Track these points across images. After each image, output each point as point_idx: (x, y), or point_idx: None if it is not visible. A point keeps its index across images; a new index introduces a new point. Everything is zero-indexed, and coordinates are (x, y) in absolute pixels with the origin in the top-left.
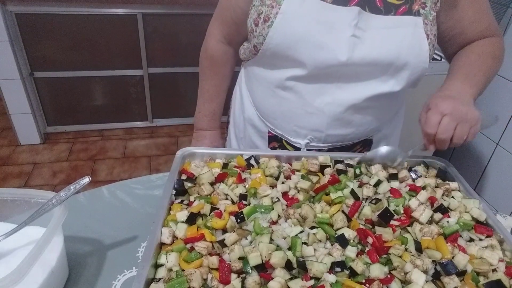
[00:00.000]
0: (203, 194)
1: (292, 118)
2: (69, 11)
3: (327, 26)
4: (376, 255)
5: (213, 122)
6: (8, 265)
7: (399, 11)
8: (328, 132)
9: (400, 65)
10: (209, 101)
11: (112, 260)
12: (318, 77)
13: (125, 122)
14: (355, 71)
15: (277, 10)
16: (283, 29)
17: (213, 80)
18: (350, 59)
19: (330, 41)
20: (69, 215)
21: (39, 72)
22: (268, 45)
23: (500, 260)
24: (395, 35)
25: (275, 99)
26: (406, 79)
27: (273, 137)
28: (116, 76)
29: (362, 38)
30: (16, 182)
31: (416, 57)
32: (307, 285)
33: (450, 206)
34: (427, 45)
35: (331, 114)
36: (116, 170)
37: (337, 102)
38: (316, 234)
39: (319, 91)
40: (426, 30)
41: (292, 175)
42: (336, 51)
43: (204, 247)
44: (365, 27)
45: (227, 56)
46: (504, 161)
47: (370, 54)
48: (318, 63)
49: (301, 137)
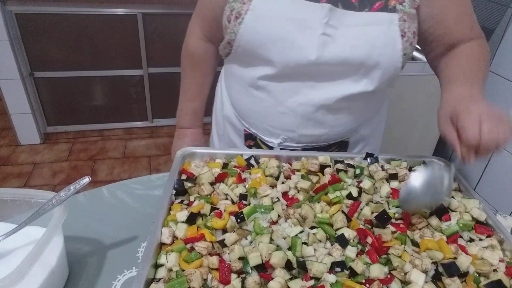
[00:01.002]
0: (203, 194)
1: (265, 117)
2: (69, 11)
3: (298, 23)
4: (376, 255)
5: (195, 120)
6: (8, 265)
7: (374, 7)
8: (300, 132)
9: (371, 65)
10: (191, 99)
11: (112, 260)
12: (289, 76)
13: (125, 122)
14: (326, 71)
15: (248, 7)
16: (253, 26)
17: (194, 78)
18: (320, 58)
19: (300, 40)
20: (69, 215)
21: (39, 72)
22: (239, 42)
23: (500, 260)
24: (367, 34)
25: (249, 98)
26: (378, 79)
27: (248, 135)
28: (116, 76)
29: (333, 36)
30: (16, 182)
31: (389, 56)
32: (307, 285)
33: (450, 206)
34: (401, 43)
35: (303, 114)
36: (116, 170)
37: (309, 102)
38: (316, 234)
39: (291, 90)
40: (403, 27)
41: (292, 175)
42: (305, 49)
43: (204, 247)
44: (337, 24)
45: (208, 54)
46: (504, 161)
47: (340, 53)
48: (287, 61)
49: (275, 136)
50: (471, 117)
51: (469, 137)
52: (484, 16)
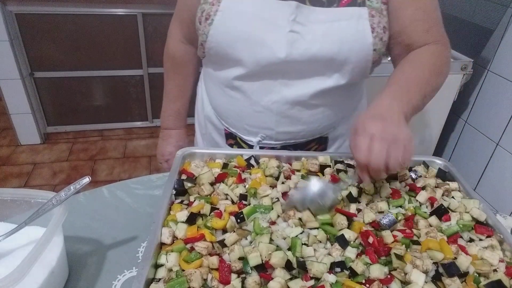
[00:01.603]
0: (203, 194)
1: (242, 117)
2: (69, 11)
3: (266, 22)
4: (375, 255)
5: (178, 121)
6: (8, 265)
7: (343, 2)
8: (278, 130)
9: (341, 60)
10: (173, 101)
11: (112, 260)
12: (261, 76)
13: (125, 122)
14: (297, 68)
15: (216, 8)
16: (222, 27)
17: (175, 80)
18: (290, 56)
19: (269, 38)
20: (69, 215)
21: (39, 72)
22: (210, 44)
23: (500, 260)
24: (336, 29)
25: (226, 98)
26: (349, 73)
27: (229, 134)
28: (116, 76)
29: (301, 33)
30: (16, 182)
31: (358, 51)
32: (307, 285)
33: (450, 206)
34: (371, 38)
35: (279, 112)
36: (116, 170)
37: (283, 100)
38: (317, 235)
39: (264, 89)
40: (372, 22)
41: (292, 175)
42: (274, 48)
43: (204, 247)
44: (305, 21)
45: (189, 56)
46: (504, 161)
47: (309, 50)
48: (257, 60)
49: (253, 135)
50: (363, 134)
51: (357, 156)
52: (484, 16)
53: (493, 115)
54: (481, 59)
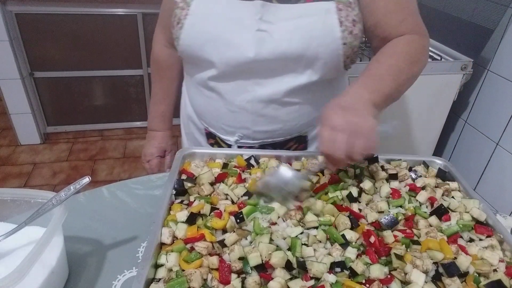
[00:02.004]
0: (203, 194)
1: (219, 116)
2: (69, 11)
3: (234, 23)
4: (375, 255)
5: (163, 123)
6: (8, 265)
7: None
8: (254, 129)
9: (311, 57)
10: (158, 103)
11: (112, 260)
12: (233, 76)
13: (125, 122)
14: (268, 66)
15: (186, 12)
16: (192, 30)
17: (160, 83)
18: (259, 55)
19: (238, 39)
20: (69, 215)
21: (39, 72)
22: (182, 47)
23: (500, 260)
24: (304, 25)
25: (203, 98)
26: (321, 68)
27: (208, 133)
28: (116, 76)
29: (269, 31)
30: (16, 182)
31: (327, 46)
32: (307, 285)
33: (450, 206)
34: (340, 32)
35: (254, 111)
36: (116, 170)
37: (257, 99)
38: (316, 235)
39: (238, 89)
40: (340, 16)
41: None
42: (243, 48)
43: (204, 247)
44: (273, 19)
45: (172, 60)
46: (504, 161)
47: (278, 47)
48: (228, 61)
49: (231, 134)
50: (326, 126)
51: (320, 146)
52: (484, 16)
53: (493, 115)
54: (481, 59)
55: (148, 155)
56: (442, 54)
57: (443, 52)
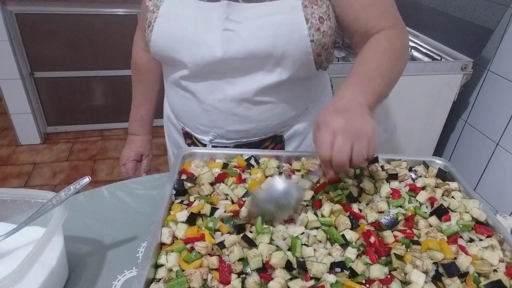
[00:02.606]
0: (203, 194)
1: (193, 116)
2: (69, 11)
3: (201, 23)
4: (375, 256)
5: (142, 127)
6: (8, 265)
7: None
8: (227, 128)
9: (279, 54)
10: (138, 107)
11: (112, 260)
12: (204, 75)
13: (125, 122)
14: (237, 65)
15: (156, 15)
16: (162, 32)
17: (139, 87)
18: (226, 54)
19: (205, 38)
20: (69, 215)
21: (39, 72)
22: (154, 49)
23: (500, 260)
24: (270, 24)
25: (178, 98)
26: (290, 66)
27: (185, 133)
28: (116, 76)
29: (236, 31)
30: (16, 182)
31: (295, 43)
32: (307, 285)
33: (450, 206)
34: (306, 29)
35: (226, 110)
36: (116, 170)
37: (228, 98)
38: (316, 235)
39: (209, 88)
40: (306, 13)
41: (292, 175)
42: (211, 47)
43: (204, 247)
44: (239, 18)
45: (151, 64)
46: (504, 161)
47: (245, 46)
48: (197, 61)
49: (205, 134)
50: (325, 129)
51: (320, 151)
52: (484, 16)
53: (493, 115)
54: (481, 59)
55: (124, 159)
56: (442, 54)
57: (443, 52)
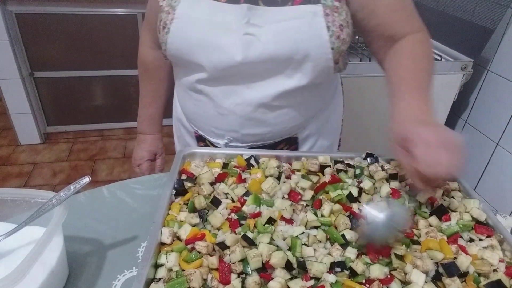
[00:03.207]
0: (203, 194)
1: (208, 119)
2: (69, 11)
3: (221, 27)
4: (375, 254)
5: (152, 126)
6: (8, 265)
7: (297, 0)
8: (243, 132)
9: (300, 59)
10: (147, 106)
11: (112, 260)
12: (222, 79)
13: (125, 122)
14: (256, 69)
15: (172, 16)
16: (179, 35)
17: (148, 85)
18: (246, 58)
19: (225, 42)
20: (69, 215)
21: (39, 72)
22: (170, 51)
23: (500, 260)
24: (292, 28)
25: (192, 101)
26: (310, 72)
27: (199, 137)
28: (116, 76)
29: (257, 35)
30: (16, 182)
31: (317, 48)
32: (307, 285)
33: (450, 206)
34: (327, 36)
35: (243, 114)
36: (116, 170)
37: (246, 102)
38: (316, 235)
39: (227, 92)
40: (327, 20)
41: (292, 174)
42: (231, 51)
43: (204, 246)
44: (260, 22)
45: (160, 62)
46: (504, 161)
47: (266, 50)
48: (216, 65)
49: (220, 137)
50: (424, 145)
51: (424, 169)
52: (484, 16)
53: (493, 115)
54: (481, 59)
55: (138, 159)
56: (442, 54)
57: (443, 52)
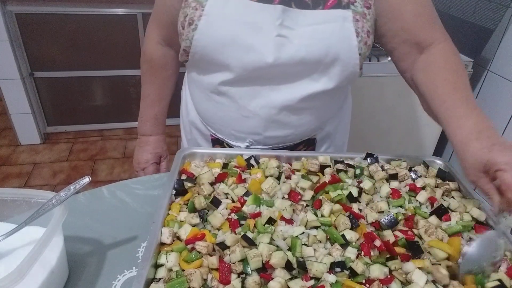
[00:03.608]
0: (203, 194)
1: (229, 122)
2: (69, 11)
3: (252, 27)
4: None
5: (156, 127)
6: (8, 265)
7: (328, 4)
8: (266, 134)
9: (329, 62)
10: (151, 105)
11: (112, 260)
12: (248, 80)
13: (125, 122)
14: (284, 71)
15: (200, 13)
16: (207, 32)
17: (153, 84)
18: (278, 60)
19: (256, 43)
20: (69, 215)
21: (39, 72)
22: (195, 49)
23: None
24: (323, 32)
25: (211, 103)
26: (338, 75)
27: (215, 140)
28: (116, 76)
29: (289, 37)
30: (16, 182)
31: (346, 52)
32: (307, 285)
33: (450, 206)
34: (356, 41)
35: (267, 116)
36: (116, 170)
37: (271, 104)
38: (316, 235)
39: (252, 94)
40: (357, 26)
41: (292, 175)
42: (262, 52)
43: (204, 246)
44: (293, 25)
45: (167, 59)
46: None
47: (297, 53)
48: (245, 65)
49: (241, 140)
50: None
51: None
52: (484, 16)
53: (493, 115)
54: (481, 59)
55: (143, 162)
56: None
57: None
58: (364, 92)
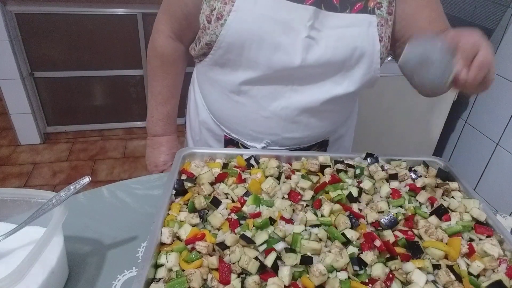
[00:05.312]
0: (203, 194)
1: (248, 122)
2: (69, 11)
3: (283, 25)
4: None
5: (168, 126)
6: (8, 265)
7: (355, 8)
8: (284, 136)
9: (353, 65)
10: (163, 103)
11: (112, 260)
12: (272, 80)
13: (125, 122)
14: (308, 73)
15: (230, 8)
16: (236, 28)
17: (165, 80)
18: (304, 61)
19: (285, 42)
20: (69, 215)
21: (39, 72)
22: (221, 44)
23: (500, 259)
24: (348, 36)
25: (230, 103)
26: (360, 79)
27: (229, 140)
28: (116, 76)
29: (317, 39)
30: (16, 182)
31: (370, 56)
32: None
33: (450, 206)
34: (379, 46)
35: (287, 117)
36: (116, 170)
37: (292, 106)
38: (318, 233)
39: (274, 95)
40: (380, 31)
41: (292, 175)
42: (290, 53)
43: (204, 246)
44: (321, 27)
45: (178, 54)
46: (504, 161)
47: (324, 55)
48: (272, 65)
49: (258, 140)
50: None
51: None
52: (484, 16)
53: (493, 115)
54: None
55: (160, 165)
56: None
57: None
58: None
